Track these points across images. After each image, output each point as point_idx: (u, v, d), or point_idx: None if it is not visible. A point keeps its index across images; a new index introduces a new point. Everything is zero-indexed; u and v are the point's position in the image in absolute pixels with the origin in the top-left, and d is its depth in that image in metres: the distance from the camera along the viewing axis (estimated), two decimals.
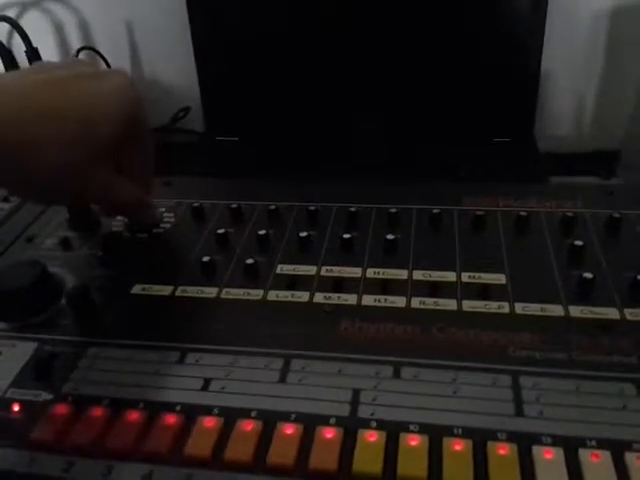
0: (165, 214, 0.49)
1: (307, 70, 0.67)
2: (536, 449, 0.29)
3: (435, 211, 0.46)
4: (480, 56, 0.65)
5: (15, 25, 0.69)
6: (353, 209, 0.47)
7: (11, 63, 0.71)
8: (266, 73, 0.68)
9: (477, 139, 0.67)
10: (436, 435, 0.30)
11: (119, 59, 0.77)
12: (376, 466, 0.29)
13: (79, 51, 0.75)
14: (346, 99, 0.68)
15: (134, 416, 0.32)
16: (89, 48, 0.76)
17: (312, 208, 0.47)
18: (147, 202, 0.44)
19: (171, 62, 0.77)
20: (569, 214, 0.44)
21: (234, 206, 0.48)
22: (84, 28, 0.78)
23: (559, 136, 0.73)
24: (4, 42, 0.71)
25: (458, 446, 0.29)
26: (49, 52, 0.77)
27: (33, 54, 0.70)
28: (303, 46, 0.67)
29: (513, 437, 0.30)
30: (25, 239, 0.48)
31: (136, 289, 0.42)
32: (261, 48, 0.67)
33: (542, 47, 0.64)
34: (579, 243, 0.41)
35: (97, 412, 0.33)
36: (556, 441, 0.30)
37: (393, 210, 0.46)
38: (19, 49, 0.71)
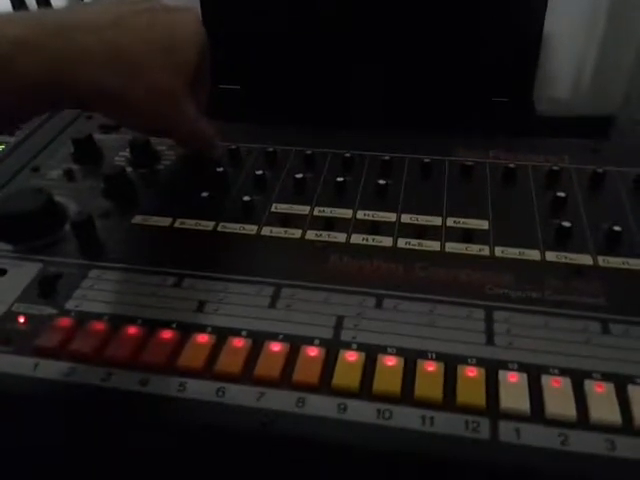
0: (166, 152, 0.51)
1: (310, 18, 0.68)
2: (502, 373, 0.32)
3: (426, 160, 0.48)
4: (483, 16, 0.65)
5: None
6: (347, 155, 0.48)
7: (20, 5, 0.71)
8: (269, 20, 0.69)
9: (475, 97, 0.68)
10: (411, 358, 0.33)
11: None
12: (354, 381, 0.31)
13: None
14: (347, 51, 0.69)
15: (133, 330, 0.34)
16: None
17: (308, 152, 0.49)
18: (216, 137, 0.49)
19: None
20: (555, 168, 0.46)
21: (233, 147, 0.50)
22: None
23: (557, 99, 0.74)
24: None
25: (430, 367, 0.32)
26: None
27: None
28: None
29: (482, 362, 0.32)
30: (30, 169, 0.49)
31: (137, 219, 0.44)
32: None
33: (545, 9, 0.64)
34: (561, 194, 0.43)
35: (98, 325, 0.35)
36: (521, 368, 0.32)
37: (386, 158, 0.48)
38: None
